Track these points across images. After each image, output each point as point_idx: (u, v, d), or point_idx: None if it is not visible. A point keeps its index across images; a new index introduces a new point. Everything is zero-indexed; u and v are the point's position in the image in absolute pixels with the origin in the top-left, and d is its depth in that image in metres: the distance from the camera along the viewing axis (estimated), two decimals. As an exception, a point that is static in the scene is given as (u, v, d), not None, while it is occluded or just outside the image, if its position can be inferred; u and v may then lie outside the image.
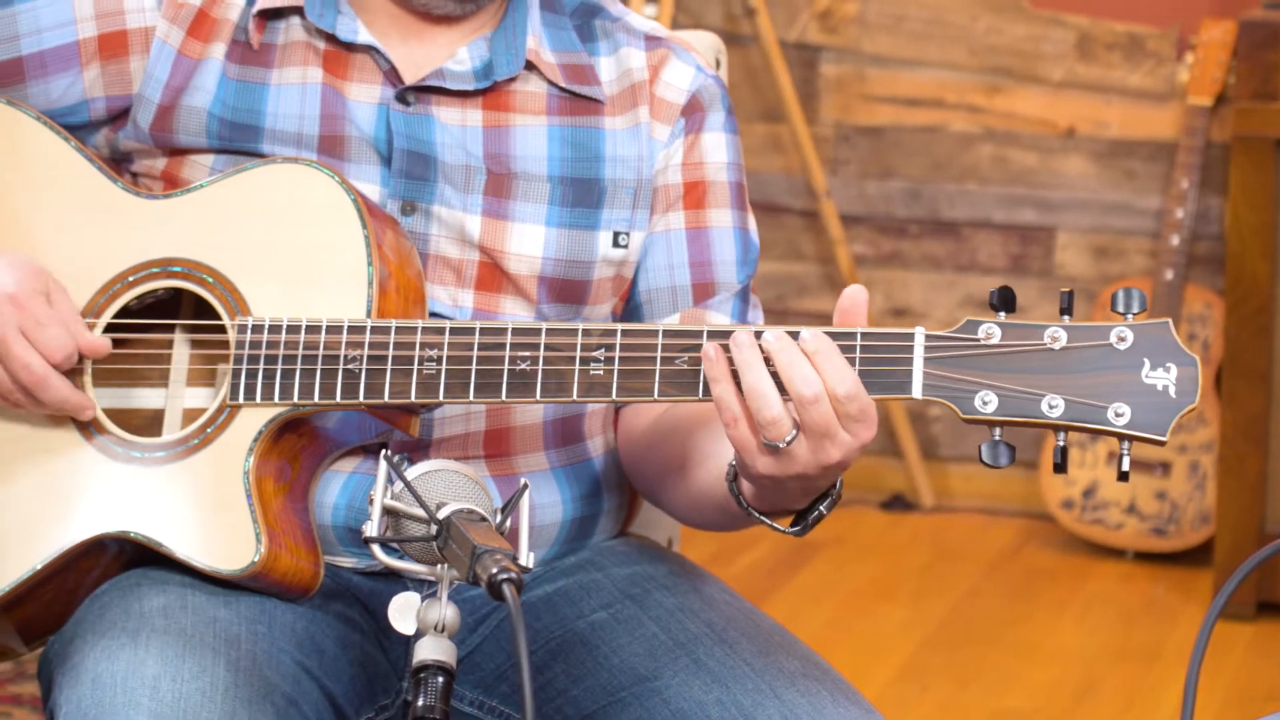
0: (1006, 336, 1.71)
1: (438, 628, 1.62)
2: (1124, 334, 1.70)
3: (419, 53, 1.97)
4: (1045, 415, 1.69)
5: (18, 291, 1.82)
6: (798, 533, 1.79)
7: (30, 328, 1.82)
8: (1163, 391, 1.69)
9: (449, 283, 1.95)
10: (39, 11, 1.97)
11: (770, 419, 1.67)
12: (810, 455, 1.68)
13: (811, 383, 1.67)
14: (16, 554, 1.84)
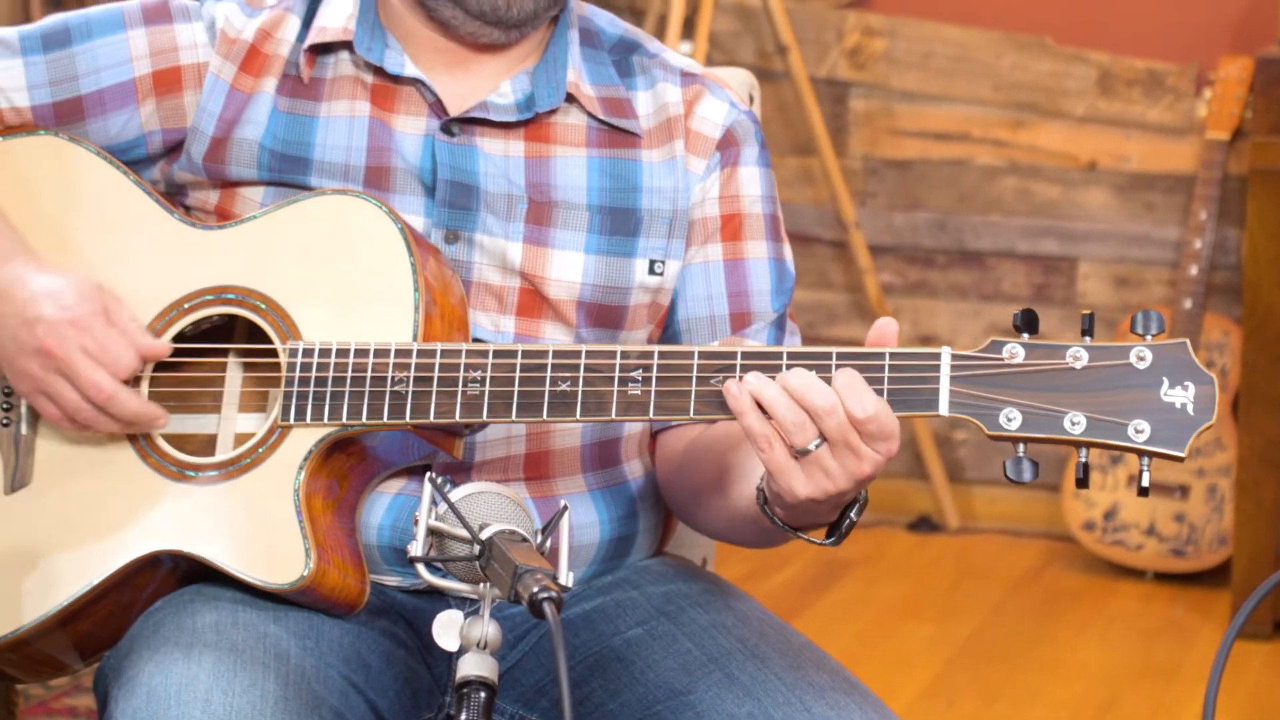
0: (1030, 356, 1.71)
1: (480, 644, 1.62)
2: (1143, 354, 1.70)
3: (463, 85, 1.98)
4: (1068, 432, 1.69)
5: (77, 313, 1.83)
6: (834, 543, 1.79)
7: (93, 347, 1.83)
8: (1181, 409, 1.69)
9: (491, 308, 1.95)
10: (96, 52, 1.98)
11: (792, 422, 1.67)
12: (840, 469, 1.69)
13: (825, 395, 1.67)
14: (74, 571, 1.85)
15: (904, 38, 4.53)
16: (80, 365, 1.82)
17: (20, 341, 1.84)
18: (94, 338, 1.83)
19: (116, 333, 1.84)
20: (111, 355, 1.83)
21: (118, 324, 1.85)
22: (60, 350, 1.82)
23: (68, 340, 1.82)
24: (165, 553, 1.84)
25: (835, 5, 4.57)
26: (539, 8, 1.93)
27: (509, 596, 1.59)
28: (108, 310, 1.85)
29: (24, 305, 1.84)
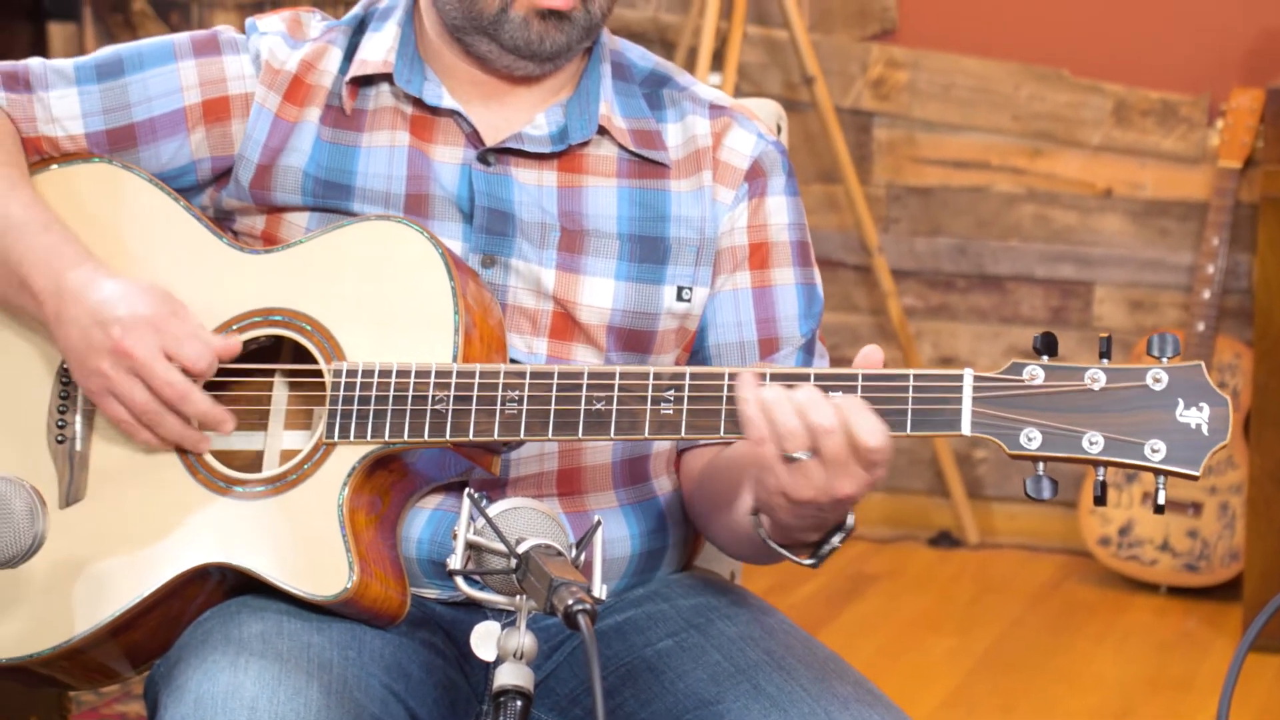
0: (1049, 378, 1.71)
1: (516, 654, 1.62)
2: (1159, 375, 1.70)
3: (499, 116, 1.98)
4: (1086, 451, 1.69)
5: (153, 314, 1.84)
6: (813, 565, 1.79)
7: (170, 346, 1.84)
8: (1196, 429, 1.68)
9: (525, 331, 1.95)
10: (148, 81, 1.99)
11: (788, 429, 1.67)
12: (824, 481, 1.69)
13: (828, 416, 1.67)
14: (126, 582, 1.85)
15: (926, 69, 4.53)
16: (157, 364, 1.83)
17: (92, 341, 1.84)
18: (171, 336, 1.84)
19: (191, 332, 1.85)
20: (188, 354, 1.84)
21: (189, 322, 1.86)
22: (138, 350, 1.83)
23: (145, 340, 1.83)
24: (213, 565, 1.84)
25: (860, 38, 4.58)
26: (571, 41, 1.94)
27: (544, 608, 1.59)
28: (176, 311, 1.86)
29: (97, 306, 1.84)
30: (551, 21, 1.92)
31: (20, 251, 1.89)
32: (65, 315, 1.86)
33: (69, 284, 1.86)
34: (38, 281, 1.87)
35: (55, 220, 1.91)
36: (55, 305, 1.86)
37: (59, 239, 1.89)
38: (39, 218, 1.90)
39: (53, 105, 1.99)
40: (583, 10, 1.93)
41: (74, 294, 1.85)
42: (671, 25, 4.61)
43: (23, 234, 1.89)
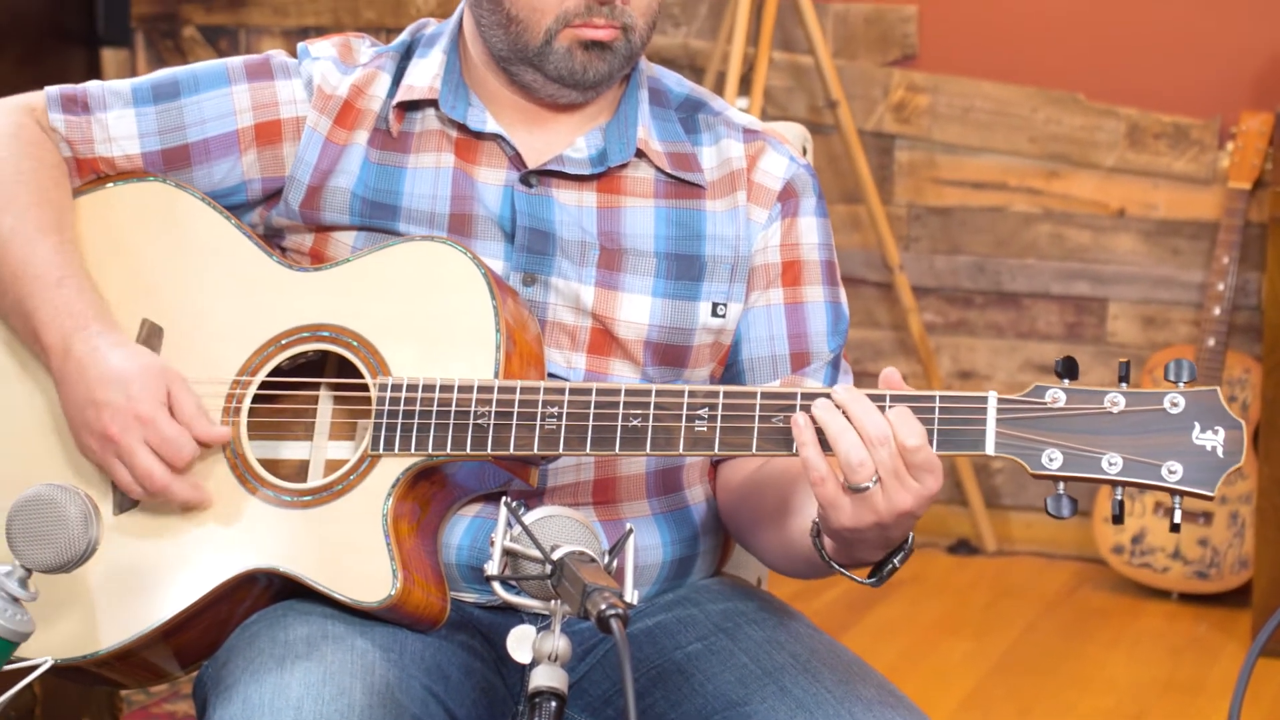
0: (1071, 401, 1.70)
1: (551, 657, 1.61)
2: (1176, 400, 1.69)
3: (540, 140, 1.98)
4: (1105, 472, 1.69)
5: (140, 407, 1.84)
6: (875, 583, 1.79)
7: (154, 440, 1.83)
8: (1211, 452, 1.68)
9: (564, 346, 1.95)
10: (202, 104, 1.99)
11: (858, 460, 1.68)
12: (885, 501, 1.69)
13: (880, 426, 1.68)
14: (177, 587, 1.85)
15: (945, 93, 4.53)
16: (139, 455, 1.83)
17: (86, 420, 1.85)
18: (156, 431, 1.83)
19: (178, 428, 1.84)
20: (172, 449, 1.84)
21: (180, 415, 1.85)
22: (123, 440, 1.83)
23: (130, 431, 1.83)
24: (261, 571, 1.84)
25: (882, 63, 4.57)
26: (612, 70, 1.94)
27: (578, 613, 1.59)
28: (171, 396, 1.85)
29: (93, 386, 1.84)
30: (594, 52, 1.92)
31: (35, 304, 1.89)
32: (68, 381, 1.86)
33: (74, 349, 1.86)
34: (47, 337, 1.88)
35: (75, 270, 1.91)
36: (60, 366, 1.87)
37: (72, 294, 1.89)
38: (56, 269, 1.90)
39: (110, 126, 1.99)
40: (624, 40, 1.93)
41: (77, 363, 1.85)
42: (701, 51, 4.61)
43: (37, 286, 1.89)
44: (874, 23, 4.57)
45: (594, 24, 1.91)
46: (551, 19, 1.91)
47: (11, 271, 1.90)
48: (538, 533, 1.65)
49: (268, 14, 4.65)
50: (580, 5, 1.90)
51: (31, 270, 1.89)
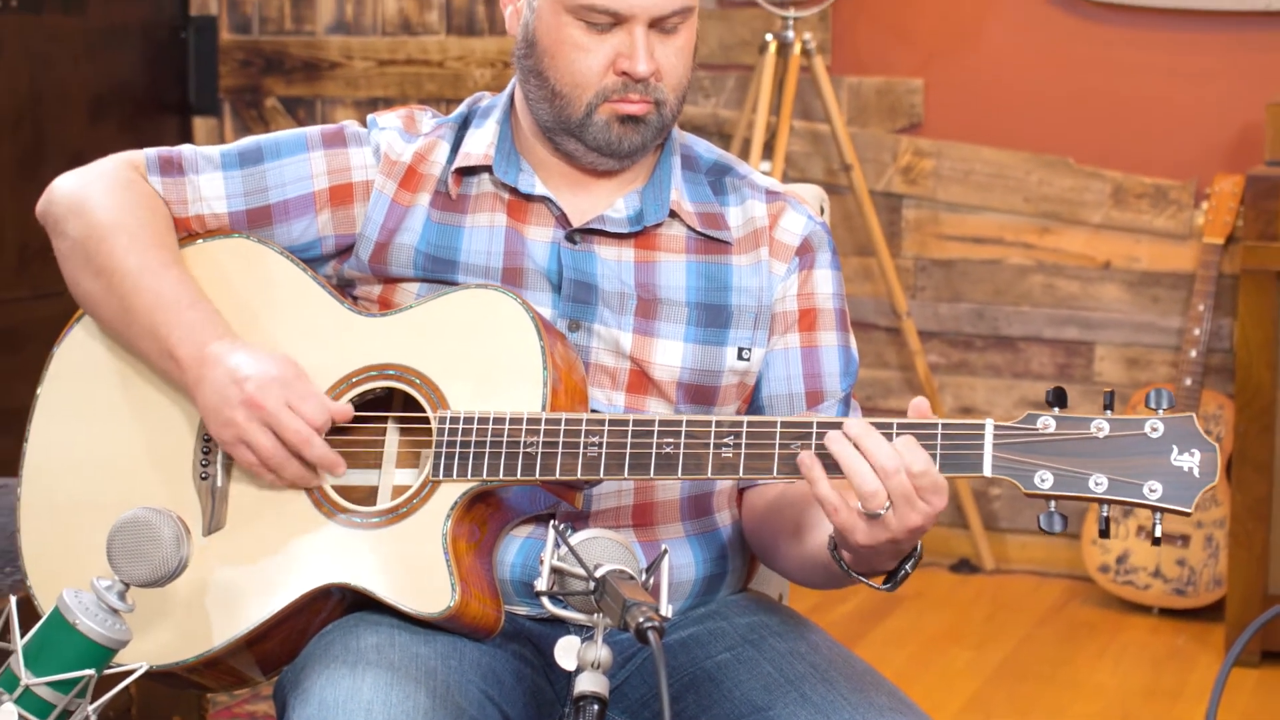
0: (1060, 427, 1.70)
1: (594, 665, 1.61)
2: (1156, 425, 1.68)
3: (584, 201, 1.98)
4: (1092, 491, 1.68)
5: (280, 374, 1.84)
6: (890, 588, 1.79)
7: (294, 400, 1.84)
8: (1188, 472, 1.67)
9: (605, 385, 1.95)
10: (283, 169, 2.00)
11: (872, 490, 1.68)
12: (897, 521, 1.69)
13: (891, 457, 1.67)
14: (259, 600, 1.86)
15: (949, 158, 4.53)
16: (284, 415, 1.83)
17: (227, 396, 1.84)
18: (296, 393, 1.84)
19: (313, 392, 1.85)
20: (309, 410, 1.84)
21: (311, 386, 1.86)
22: (268, 403, 1.83)
23: (273, 394, 1.83)
24: (334, 586, 1.84)
25: (891, 130, 4.57)
26: (646, 141, 1.94)
27: (619, 625, 1.59)
28: (300, 374, 1.86)
29: (233, 367, 1.84)
30: (629, 125, 1.92)
31: (169, 326, 1.89)
32: (205, 378, 1.86)
33: (209, 353, 1.86)
34: (182, 351, 1.88)
35: (200, 297, 1.91)
36: (197, 371, 1.87)
37: (203, 315, 1.90)
38: (186, 295, 1.91)
39: (202, 188, 2.00)
40: (656, 114, 1.93)
41: (214, 360, 1.86)
42: (728, 119, 4.62)
43: (171, 310, 1.89)
44: (884, 94, 4.57)
45: (629, 99, 1.91)
46: (591, 94, 1.91)
47: (144, 300, 1.90)
48: (582, 553, 1.65)
49: (341, 86, 4.67)
50: (617, 83, 1.91)
51: (162, 299, 1.90)
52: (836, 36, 4.57)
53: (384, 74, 4.63)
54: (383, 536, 1.84)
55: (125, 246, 1.92)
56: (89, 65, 4.33)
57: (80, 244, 1.95)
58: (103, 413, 1.96)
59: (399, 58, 4.63)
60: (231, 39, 4.71)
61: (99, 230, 1.93)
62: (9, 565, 2.32)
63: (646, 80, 1.90)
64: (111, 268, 1.92)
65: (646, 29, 1.89)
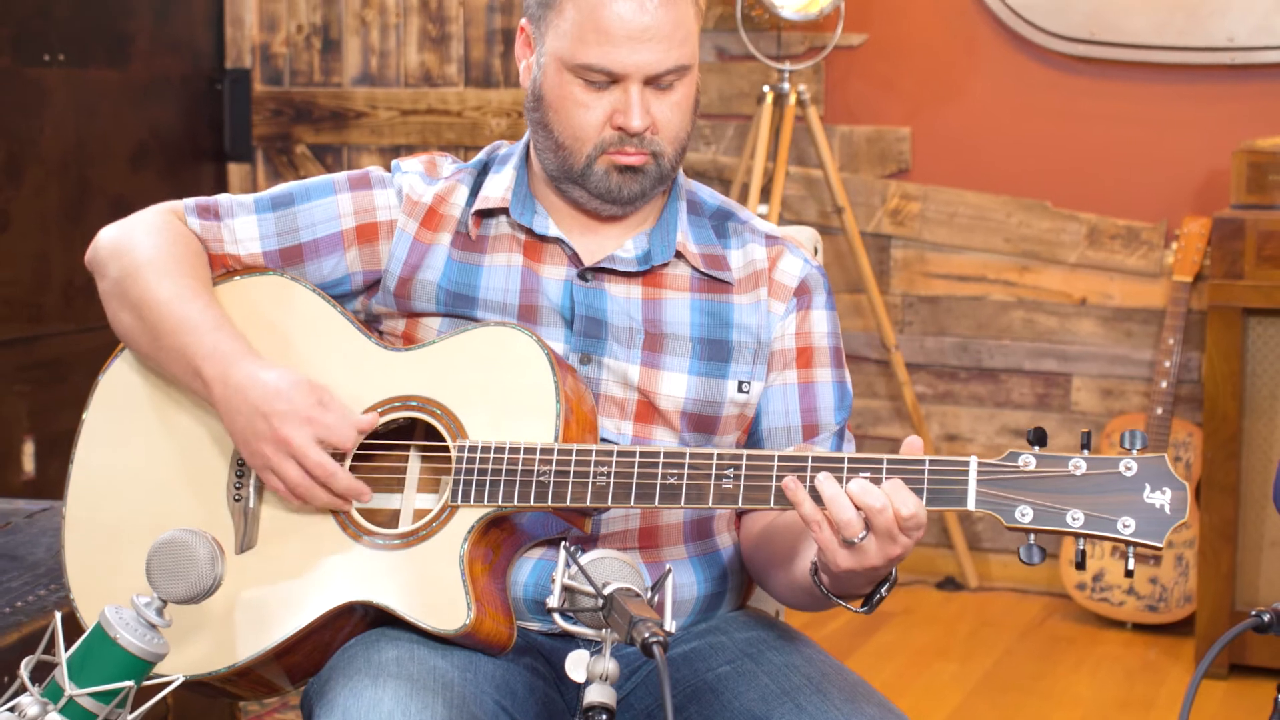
0: (1040, 465, 1.69)
1: (603, 677, 1.61)
2: (1130, 465, 1.68)
3: (594, 242, 1.99)
4: (1069, 525, 1.68)
5: (304, 406, 1.83)
6: (866, 612, 1.79)
7: (322, 434, 1.83)
8: (1160, 509, 1.67)
9: (614, 415, 1.95)
10: (313, 210, 2.01)
11: (846, 520, 1.68)
12: (879, 551, 1.69)
13: (878, 498, 1.68)
14: (288, 615, 1.85)
15: (934, 201, 4.53)
16: (310, 450, 1.82)
17: (257, 430, 1.84)
18: (322, 425, 1.83)
19: (336, 417, 1.84)
20: (337, 437, 1.83)
21: (333, 409, 1.85)
22: (295, 439, 1.82)
23: (300, 430, 1.82)
24: (358, 603, 1.84)
25: (880, 176, 4.58)
26: (644, 189, 1.94)
27: (625, 640, 1.58)
28: (322, 401, 1.85)
29: (257, 402, 1.83)
30: (627, 174, 1.92)
31: (195, 347, 1.89)
32: (232, 405, 1.85)
33: (234, 377, 1.85)
34: (208, 371, 1.87)
35: (225, 321, 1.91)
36: (222, 393, 1.86)
37: (226, 336, 1.89)
38: (211, 319, 1.90)
39: (237, 230, 2.00)
40: (654, 165, 1.93)
41: (238, 387, 1.85)
42: (728, 165, 4.63)
43: (196, 332, 1.89)
44: (874, 142, 4.58)
45: (626, 151, 1.91)
46: (591, 146, 1.91)
47: (173, 324, 1.90)
48: (591, 572, 1.65)
49: (366, 134, 4.68)
50: (614, 136, 1.91)
51: (189, 322, 1.90)
52: (829, 88, 4.58)
53: (406, 123, 4.64)
54: (404, 557, 1.83)
55: (156, 280, 1.92)
56: (131, 115, 4.34)
57: (118, 282, 1.95)
58: (142, 438, 1.96)
59: (420, 108, 4.64)
60: (264, 90, 4.72)
61: (133, 267, 1.94)
62: (54, 583, 2.32)
63: (641, 134, 1.91)
64: (144, 299, 1.92)
65: (641, 87, 1.89)
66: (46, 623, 2.04)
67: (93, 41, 4.18)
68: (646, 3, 1.87)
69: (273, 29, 4.68)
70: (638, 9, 1.86)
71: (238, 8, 4.67)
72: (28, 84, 4.01)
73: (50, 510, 2.67)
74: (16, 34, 3.97)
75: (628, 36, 1.87)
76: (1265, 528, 3.89)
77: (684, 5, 1.90)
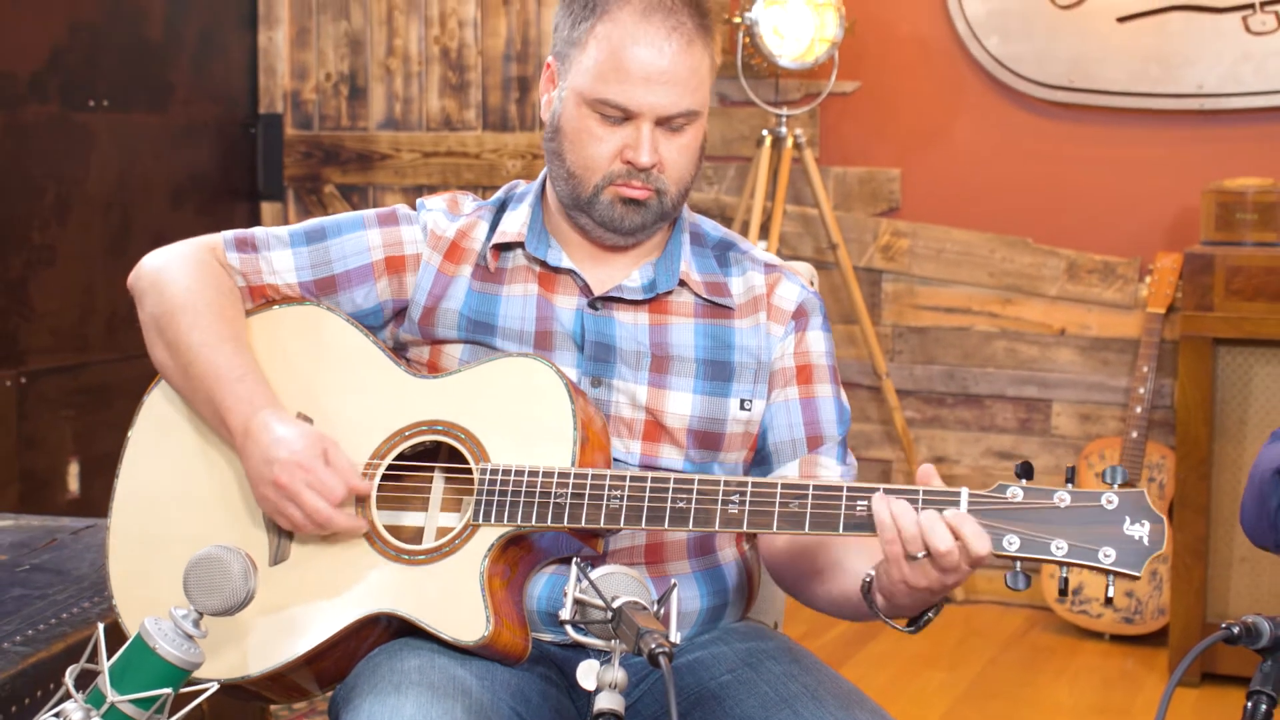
0: (1027, 497, 1.69)
1: (612, 685, 1.60)
2: (1111, 499, 1.67)
3: (604, 273, 1.99)
4: (1053, 554, 1.67)
5: (302, 457, 1.83)
6: (913, 631, 1.77)
7: (314, 482, 1.83)
8: (1139, 540, 1.66)
9: (623, 434, 1.95)
10: (345, 243, 2.01)
11: (910, 535, 1.67)
12: (938, 577, 1.68)
13: (945, 539, 1.67)
14: (317, 624, 1.85)
15: (923, 238, 4.54)
16: (305, 495, 1.82)
17: (262, 474, 1.85)
18: (315, 475, 1.83)
19: (332, 471, 1.84)
20: (327, 488, 1.83)
21: (334, 465, 1.84)
22: (290, 485, 1.83)
23: (295, 478, 1.83)
24: (383, 614, 1.83)
25: (872, 214, 4.58)
26: (646, 222, 1.95)
27: (633, 650, 1.58)
28: (326, 454, 1.84)
29: (266, 448, 1.84)
30: (631, 206, 1.93)
31: (221, 396, 1.89)
32: (247, 450, 1.86)
33: (252, 427, 1.86)
34: (230, 420, 1.88)
35: (250, 369, 1.91)
36: (242, 441, 1.87)
37: (250, 387, 1.89)
38: (237, 368, 1.90)
39: (274, 262, 2.01)
40: (657, 201, 1.93)
41: (254, 435, 1.86)
42: (730, 204, 4.63)
43: (224, 383, 1.89)
44: (866, 182, 4.58)
45: (631, 185, 1.92)
46: (599, 177, 1.92)
47: (201, 372, 1.91)
48: (601, 587, 1.64)
49: (390, 175, 4.69)
50: (622, 169, 1.92)
51: (216, 371, 1.90)
52: (824, 132, 4.58)
53: (428, 164, 4.65)
54: (427, 572, 1.83)
55: (190, 324, 1.93)
56: (171, 157, 4.35)
57: (155, 318, 1.96)
58: (182, 458, 1.96)
59: (441, 150, 4.65)
60: (295, 134, 4.73)
61: (170, 307, 1.94)
62: (97, 595, 2.32)
63: (649, 170, 1.91)
64: (177, 341, 1.92)
65: (653, 126, 1.90)
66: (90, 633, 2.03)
67: (136, 89, 4.20)
68: (666, 48, 1.87)
69: (303, 77, 4.69)
70: (657, 53, 1.87)
71: (271, 57, 4.68)
72: (75, 129, 4.03)
73: (94, 527, 2.67)
74: (65, 82, 3.98)
75: (645, 78, 1.87)
76: (1234, 545, 3.88)
77: (700, 56, 1.91)
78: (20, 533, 2.63)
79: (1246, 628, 1.60)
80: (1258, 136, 4.20)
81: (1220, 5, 4.16)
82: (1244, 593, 3.88)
